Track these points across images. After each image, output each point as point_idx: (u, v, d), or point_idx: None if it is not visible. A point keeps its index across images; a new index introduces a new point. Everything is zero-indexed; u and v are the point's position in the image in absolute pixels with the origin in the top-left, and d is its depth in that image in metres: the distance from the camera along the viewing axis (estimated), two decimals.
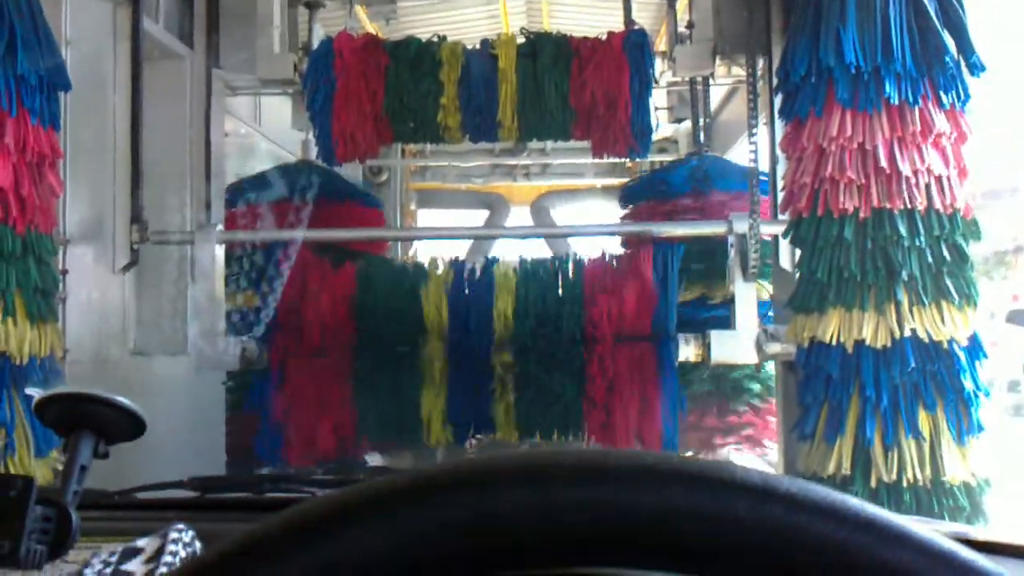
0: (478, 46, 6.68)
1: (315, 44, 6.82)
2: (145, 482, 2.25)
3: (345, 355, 6.19)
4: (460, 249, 11.91)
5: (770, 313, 6.17)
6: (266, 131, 8.65)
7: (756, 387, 7.07)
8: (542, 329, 5.97)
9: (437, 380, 6.01)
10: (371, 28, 8.50)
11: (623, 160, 9.87)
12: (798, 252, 5.69)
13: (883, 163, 4.54)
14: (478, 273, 6.29)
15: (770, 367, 6.58)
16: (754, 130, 5.92)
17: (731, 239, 5.94)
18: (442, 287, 6.18)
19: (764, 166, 6.18)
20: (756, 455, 7.25)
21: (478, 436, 6.39)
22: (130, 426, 1.62)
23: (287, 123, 7.85)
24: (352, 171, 8.87)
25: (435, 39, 6.71)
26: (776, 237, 6.03)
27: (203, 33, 6.73)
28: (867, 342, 4.58)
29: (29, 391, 4.48)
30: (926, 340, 4.58)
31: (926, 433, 4.56)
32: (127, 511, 2.10)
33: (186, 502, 2.07)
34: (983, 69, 4.73)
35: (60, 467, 4.35)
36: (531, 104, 6.54)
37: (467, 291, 6.20)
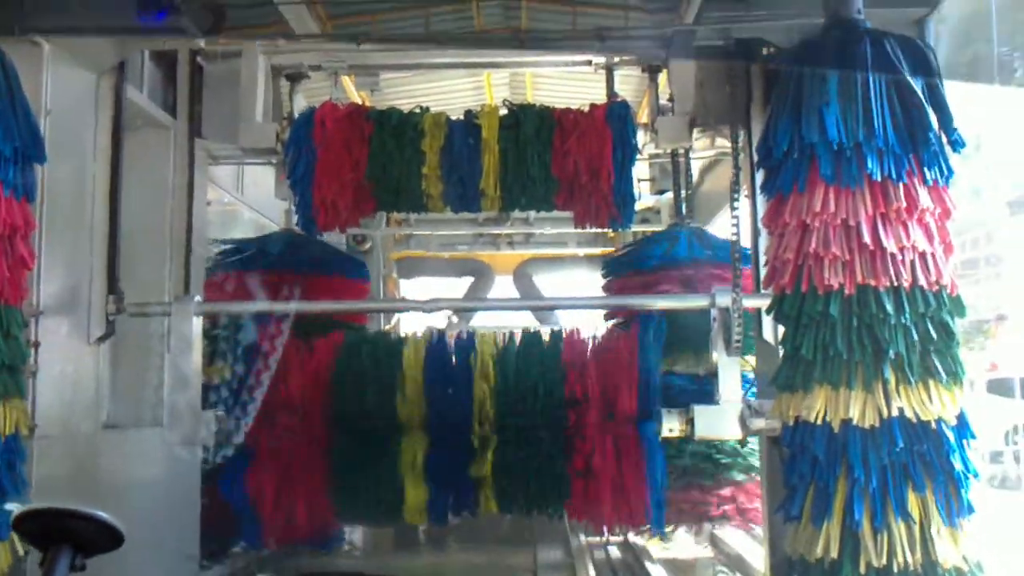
0: (462, 117, 6.57)
1: (296, 114, 6.70)
2: (114, 558, 2.11)
3: (321, 431, 5.98)
4: (443, 317, 11.77)
5: (753, 388, 6.01)
6: (249, 200, 8.50)
7: (741, 461, 6.87)
8: (522, 406, 5.77)
9: (416, 458, 5.79)
10: (357, 98, 8.40)
11: (605, 230, 9.77)
12: (781, 328, 5.54)
13: (867, 239, 4.40)
14: (455, 355, 6.09)
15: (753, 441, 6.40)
16: (736, 203, 5.79)
17: (714, 312, 5.78)
18: (420, 364, 5.99)
19: (746, 239, 6.05)
20: (742, 529, 7.05)
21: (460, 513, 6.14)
22: (108, 539, 1.66)
23: (270, 192, 7.72)
24: (335, 240, 8.71)
25: (418, 109, 6.60)
26: (759, 310, 5.87)
27: (186, 102, 6.59)
28: (854, 421, 4.40)
29: (8, 506, 4.29)
30: (914, 420, 4.41)
31: (916, 515, 4.37)
32: None
33: None
34: (964, 145, 4.63)
35: (19, 550, 4.10)
36: (514, 174, 6.44)
37: (446, 368, 6.00)
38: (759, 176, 5.10)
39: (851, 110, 4.45)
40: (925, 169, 4.50)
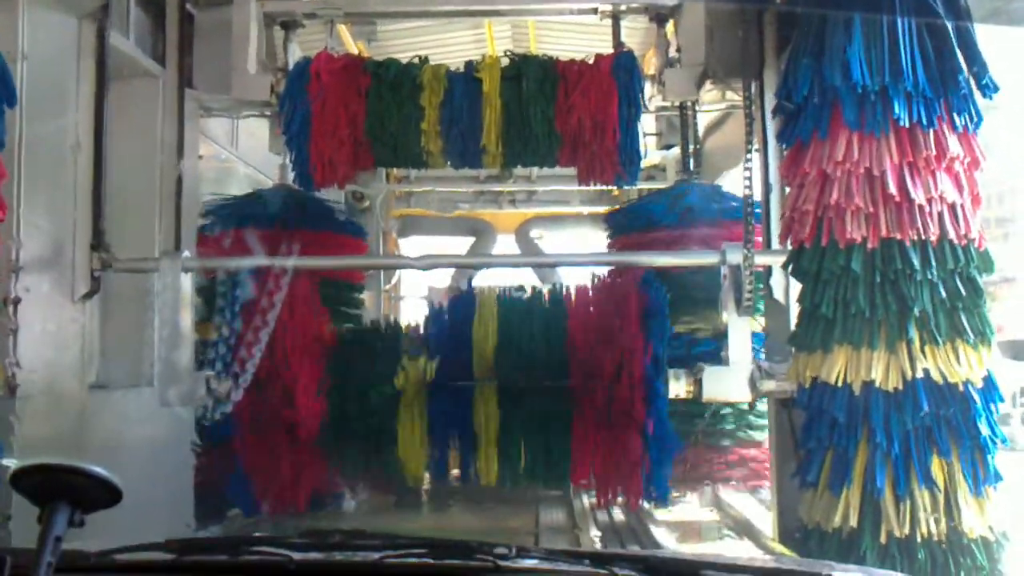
0: (462, 69, 6.21)
1: (292, 65, 6.33)
2: (106, 526, 2.03)
3: (319, 390, 5.66)
4: (445, 276, 11.44)
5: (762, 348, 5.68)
6: (243, 155, 8.14)
7: (749, 423, 6.56)
8: (524, 363, 5.44)
9: (416, 415, 5.48)
10: (353, 48, 8.02)
11: (610, 187, 9.41)
12: (794, 284, 5.21)
13: (892, 190, 4.05)
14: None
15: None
16: (749, 155, 5.43)
17: (724, 270, 5.43)
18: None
19: (756, 194, 5.69)
20: (746, 491, 6.75)
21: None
22: (106, 495, 1.62)
23: (265, 146, 7.37)
24: (335, 197, 8.36)
25: (417, 61, 6.23)
26: (769, 268, 5.54)
27: (176, 51, 6.22)
28: (877, 383, 4.07)
29: (5, 462, 4.03)
30: (940, 382, 4.08)
31: (940, 483, 4.05)
32: (105, 574, 2.00)
33: (164, 565, 2.01)
34: (996, 90, 4.27)
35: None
36: (516, 129, 6.11)
37: (446, 322, 5.68)
38: (776, 123, 4.73)
39: (877, 51, 4.09)
40: (954, 115, 4.14)
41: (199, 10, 6.36)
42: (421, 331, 5.72)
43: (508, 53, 6.40)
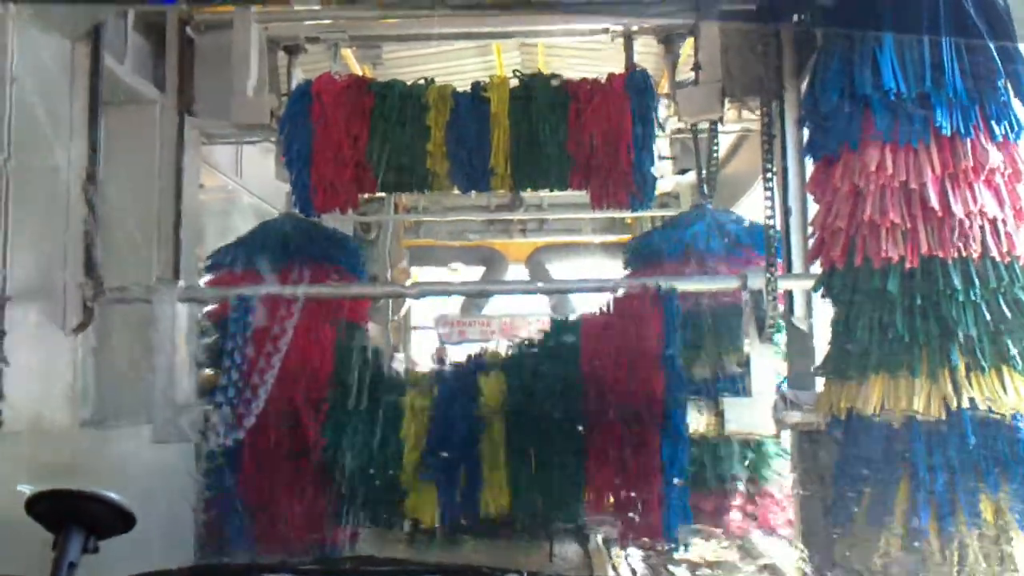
0: (469, 89, 5.89)
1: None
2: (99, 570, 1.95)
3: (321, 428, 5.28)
4: (453, 306, 11.10)
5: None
6: (248, 184, 7.82)
7: (768, 460, 6.14)
8: (535, 400, 5.06)
9: (421, 456, 5.09)
10: (359, 72, 7.72)
11: (622, 216, 9.09)
12: (817, 310, 4.85)
13: (934, 203, 3.67)
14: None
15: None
16: (769, 178, 5.08)
17: (745, 296, 5.06)
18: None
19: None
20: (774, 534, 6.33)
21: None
22: (120, 521, 1.65)
23: (270, 174, 7.05)
24: (342, 226, 8.03)
25: (423, 81, 5.91)
26: (790, 292, 5.17)
27: (175, 76, 5.91)
28: (918, 414, 3.67)
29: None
30: (986, 412, 3.67)
31: (990, 522, 3.64)
32: None
33: None
34: None
35: None
36: (525, 151, 5.76)
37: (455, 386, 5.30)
38: (796, 139, 4.37)
39: (912, 56, 3.72)
40: (993, 123, 3.77)
41: (199, 35, 6.06)
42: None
43: (517, 72, 6.06)
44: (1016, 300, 3.79)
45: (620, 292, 5.71)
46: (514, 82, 5.90)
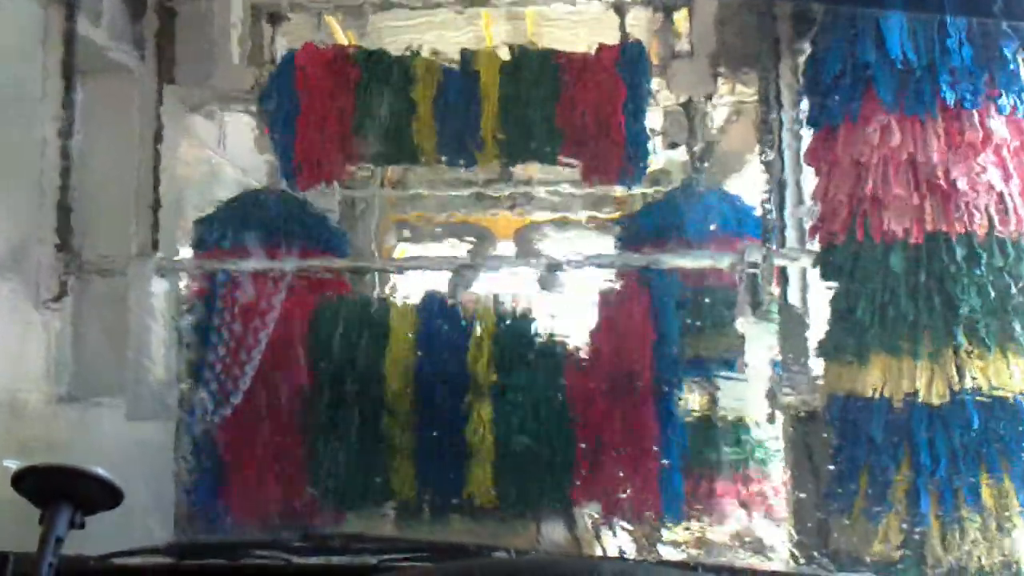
0: (457, 61, 5.71)
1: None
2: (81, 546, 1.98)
3: (299, 407, 5.11)
4: (440, 282, 10.91)
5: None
6: (231, 156, 7.60)
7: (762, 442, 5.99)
8: (521, 380, 4.90)
9: (404, 438, 4.93)
10: (344, 41, 7.51)
11: (612, 192, 8.90)
12: (811, 287, 4.70)
13: (939, 177, 3.51)
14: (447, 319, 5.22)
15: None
16: (765, 151, 4.92)
17: (740, 273, 4.91)
18: (409, 329, 5.12)
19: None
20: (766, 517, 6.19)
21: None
22: (108, 496, 1.67)
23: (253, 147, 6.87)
24: (326, 201, 7.82)
25: (409, 53, 5.73)
26: (784, 270, 5.03)
27: (154, 44, 5.70)
28: (920, 396, 3.53)
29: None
30: (990, 394, 3.53)
31: (992, 508, 3.50)
32: None
33: (163, 568, 2.01)
34: None
35: None
36: (515, 125, 5.62)
37: (438, 333, 5.13)
38: (802, 107, 4.20)
39: (919, 22, 3.55)
40: (1001, 94, 3.60)
41: (180, 2, 5.85)
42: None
43: (506, 45, 5.88)
44: (1022, 278, 3.64)
45: (611, 270, 5.59)
46: (504, 54, 5.74)
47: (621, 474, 4.95)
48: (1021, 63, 3.68)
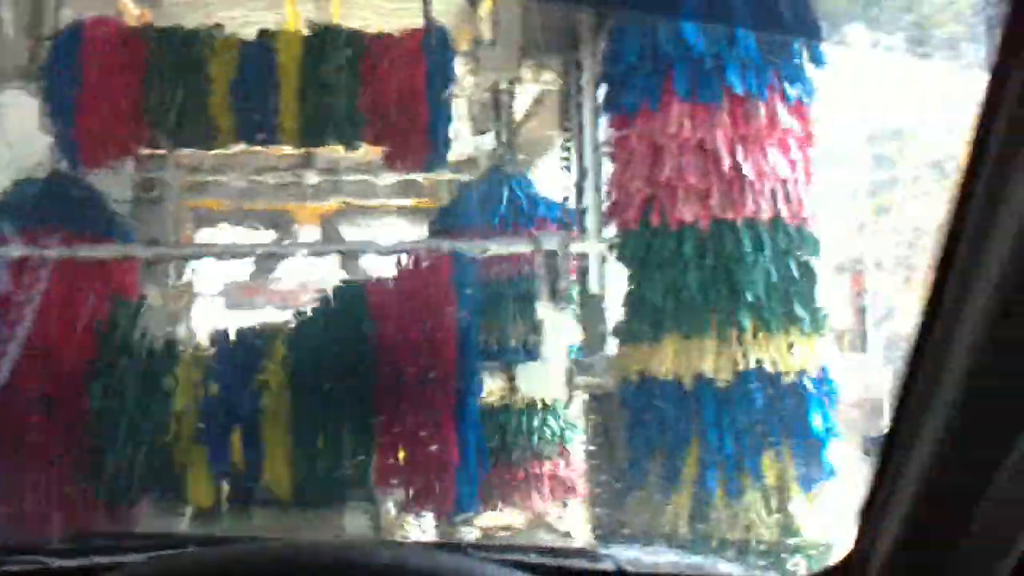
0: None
1: None
2: None
3: (81, 390, 4.77)
4: (242, 271, 10.54)
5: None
6: (8, 136, 7.06)
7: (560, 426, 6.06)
8: (322, 365, 4.75)
9: (193, 426, 4.69)
10: (135, 15, 7.11)
11: (419, 178, 8.82)
12: (609, 272, 4.78)
13: (726, 165, 3.62)
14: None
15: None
16: (567, 140, 4.97)
17: (539, 259, 4.93)
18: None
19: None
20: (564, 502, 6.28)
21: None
22: None
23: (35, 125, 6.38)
24: (120, 185, 7.39)
25: (206, 29, 5.47)
26: (584, 255, 5.10)
27: None
28: (708, 375, 3.62)
29: None
30: (773, 373, 3.67)
31: (773, 481, 3.64)
32: None
33: None
34: (825, 63, 3.90)
35: None
36: (316, 106, 5.43)
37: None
38: (597, 95, 4.25)
39: (711, 14, 3.63)
40: (787, 85, 3.75)
41: None
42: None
43: (308, 23, 5.71)
44: (804, 262, 3.80)
45: (413, 256, 5.51)
46: (305, 33, 5.57)
47: (419, 462, 4.88)
48: (805, 56, 3.85)
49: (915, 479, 0.88)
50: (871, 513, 0.97)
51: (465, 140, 7.53)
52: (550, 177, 6.40)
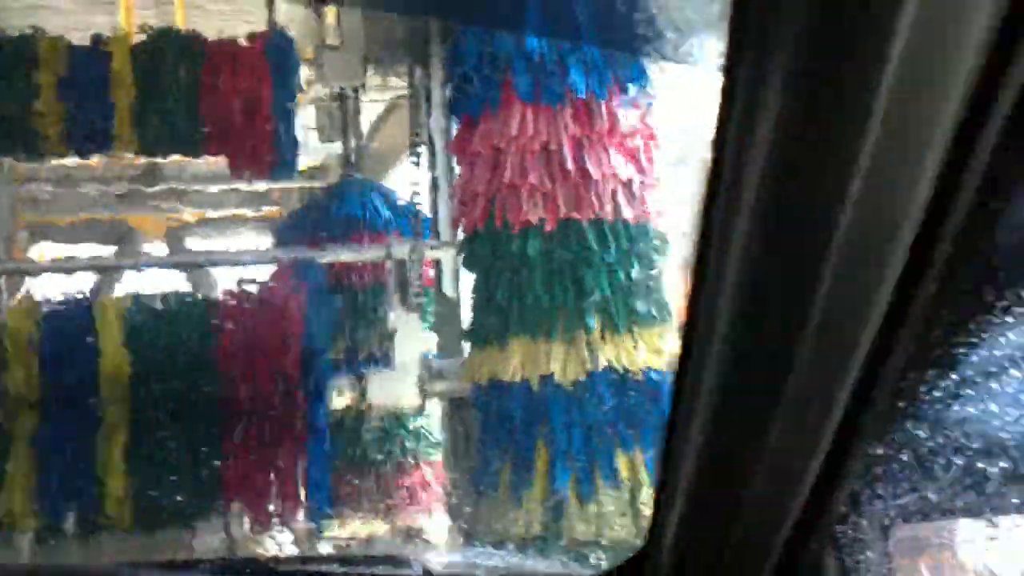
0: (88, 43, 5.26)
1: None
2: None
3: None
4: (83, 287, 10.05)
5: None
6: None
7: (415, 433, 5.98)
8: (161, 382, 4.54)
9: (24, 450, 4.41)
10: None
11: (269, 189, 8.61)
12: (463, 277, 4.75)
13: (570, 165, 3.61)
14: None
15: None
16: (416, 146, 4.91)
17: (390, 266, 4.86)
18: (27, 331, 4.60)
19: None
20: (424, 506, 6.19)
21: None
22: None
23: None
24: None
25: (30, 32, 5.20)
26: (438, 262, 5.05)
27: None
28: (555, 377, 3.61)
29: None
30: (621, 372, 3.68)
31: (625, 479, 3.64)
32: None
33: None
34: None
35: None
36: (153, 114, 5.22)
37: (63, 334, 4.65)
38: (444, 100, 4.20)
39: (552, 17, 3.63)
40: (628, 85, 3.77)
41: None
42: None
43: (145, 27, 5.48)
44: (648, 260, 3.83)
45: (261, 268, 5.36)
46: (141, 37, 5.35)
47: (268, 477, 4.73)
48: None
49: (692, 456, 0.89)
50: (661, 492, 0.98)
51: (316, 149, 7.39)
52: (403, 184, 6.32)
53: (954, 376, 0.89)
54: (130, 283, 8.85)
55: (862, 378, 0.79)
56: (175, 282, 8.19)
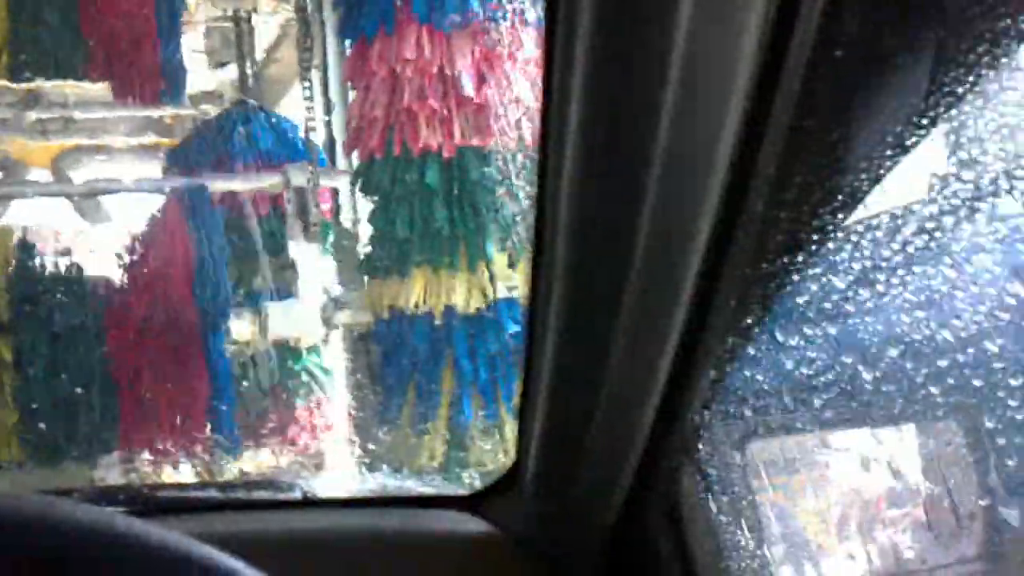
0: None
1: None
2: None
3: None
4: None
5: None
6: None
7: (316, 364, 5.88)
8: (45, 312, 4.36)
9: None
10: None
11: (160, 114, 8.26)
12: (363, 207, 4.64)
13: (469, 90, 3.51)
14: None
15: None
16: (308, 69, 4.72)
17: (288, 195, 4.71)
18: None
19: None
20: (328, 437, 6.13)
21: None
22: None
23: None
24: None
25: None
26: (336, 190, 4.92)
27: None
28: (458, 307, 3.55)
29: None
30: (522, 299, 3.64)
31: None
32: None
33: None
34: None
35: None
36: (30, 33, 4.93)
37: None
38: (337, 16, 4.03)
39: None
40: (527, 6, 3.65)
41: None
42: None
43: None
44: None
45: (154, 195, 5.15)
46: None
47: (168, 410, 4.60)
48: None
49: (547, 377, 0.94)
50: (523, 411, 1.03)
51: (206, 73, 7.09)
52: (299, 110, 6.12)
53: (790, 294, 0.93)
54: (15, 213, 8.47)
55: (697, 293, 0.81)
56: (63, 212, 7.86)
